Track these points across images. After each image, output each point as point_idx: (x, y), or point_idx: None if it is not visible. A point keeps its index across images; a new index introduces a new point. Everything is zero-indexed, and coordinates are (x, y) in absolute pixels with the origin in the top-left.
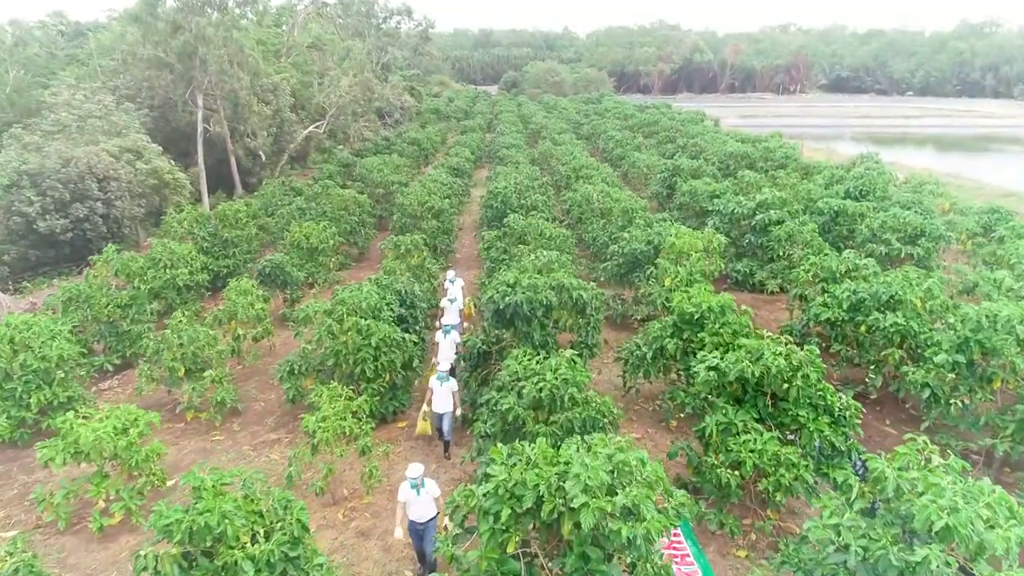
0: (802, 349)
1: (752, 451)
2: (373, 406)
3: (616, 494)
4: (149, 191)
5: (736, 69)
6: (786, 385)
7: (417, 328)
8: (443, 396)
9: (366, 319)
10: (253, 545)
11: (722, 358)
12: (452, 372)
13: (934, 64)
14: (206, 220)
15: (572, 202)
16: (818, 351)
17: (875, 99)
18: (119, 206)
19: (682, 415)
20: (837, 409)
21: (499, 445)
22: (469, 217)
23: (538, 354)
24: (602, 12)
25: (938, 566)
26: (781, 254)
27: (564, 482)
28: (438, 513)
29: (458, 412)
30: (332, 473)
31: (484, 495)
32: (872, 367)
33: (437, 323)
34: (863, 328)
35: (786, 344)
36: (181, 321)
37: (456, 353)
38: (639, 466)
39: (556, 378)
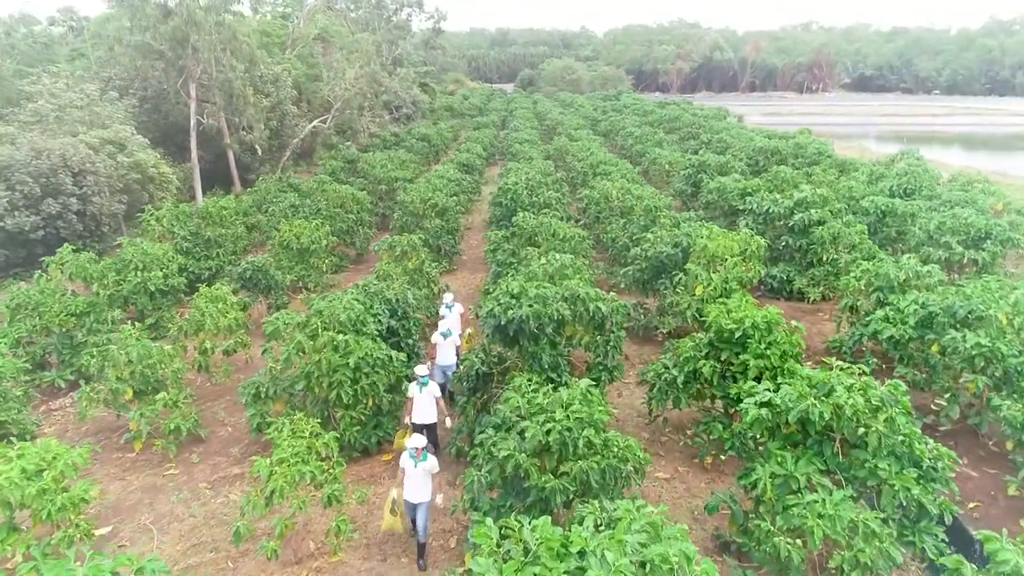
0: (878, 379)
1: (821, 516)
2: (352, 437)
3: None
4: (135, 186)
5: (757, 67)
6: (862, 430)
7: (410, 342)
8: (417, 480)
9: (345, 333)
10: None
11: (775, 390)
12: (433, 438)
13: (961, 62)
14: (188, 218)
15: (589, 200)
16: (904, 387)
17: (900, 98)
18: (96, 202)
19: (723, 456)
20: (926, 460)
21: (487, 523)
22: (479, 216)
23: (547, 381)
24: (620, 10)
25: None
26: (824, 258)
27: None
28: None
29: (439, 500)
30: (290, 529)
31: None
32: (947, 395)
33: (422, 365)
34: (935, 348)
35: (860, 375)
36: (131, 334)
37: (440, 411)
38: (683, 562)
39: (568, 417)
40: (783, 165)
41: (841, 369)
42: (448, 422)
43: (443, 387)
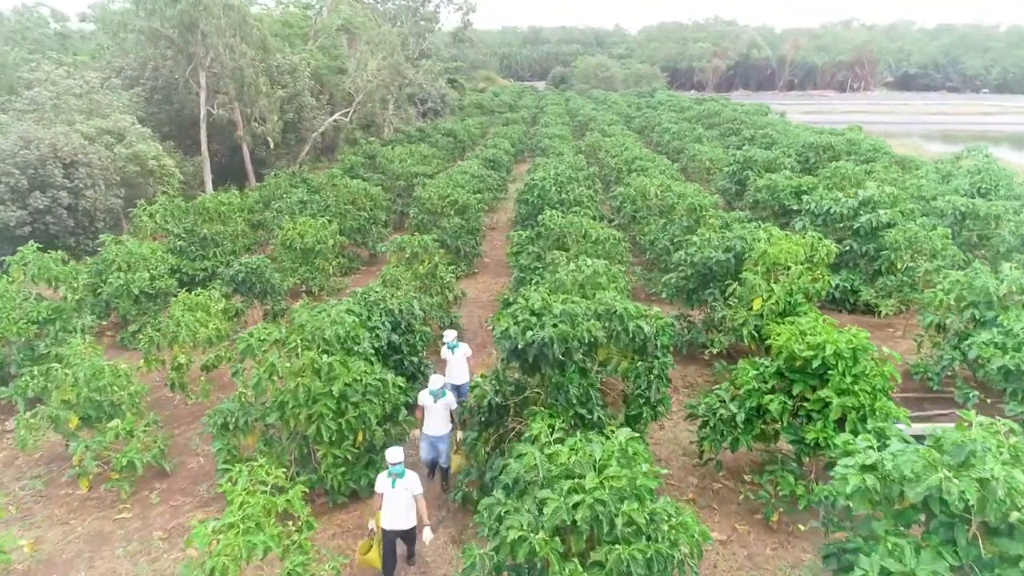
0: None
1: None
2: (336, 480)
3: None
4: (138, 180)
5: (795, 66)
6: (1016, 515)
7: (415, 360)
8: None
9: (332, 353)
10: None
11: (881, 447)
12: (408, 553)
13: (1012, 60)
14: (183, 214)
15: (624, 197)
16: None
17: (946, 97)
18: (89, 196)
19: (802, 528)
20: None
21: None
22: (505, 215)
23: (575, 418)
24: (655, 8)
25: None
26: (898, 266)
27: None
28: None
29: None
30: None
31: None
32: None
33: (397, 449)
34: None
35: (1007, 434)
36: (79, 349)
37: (419, 516)
38: None
39: (602, 485)
40: (838, 162)
41: (983, 428)
42: (427, 534)
43: (434, 465)
